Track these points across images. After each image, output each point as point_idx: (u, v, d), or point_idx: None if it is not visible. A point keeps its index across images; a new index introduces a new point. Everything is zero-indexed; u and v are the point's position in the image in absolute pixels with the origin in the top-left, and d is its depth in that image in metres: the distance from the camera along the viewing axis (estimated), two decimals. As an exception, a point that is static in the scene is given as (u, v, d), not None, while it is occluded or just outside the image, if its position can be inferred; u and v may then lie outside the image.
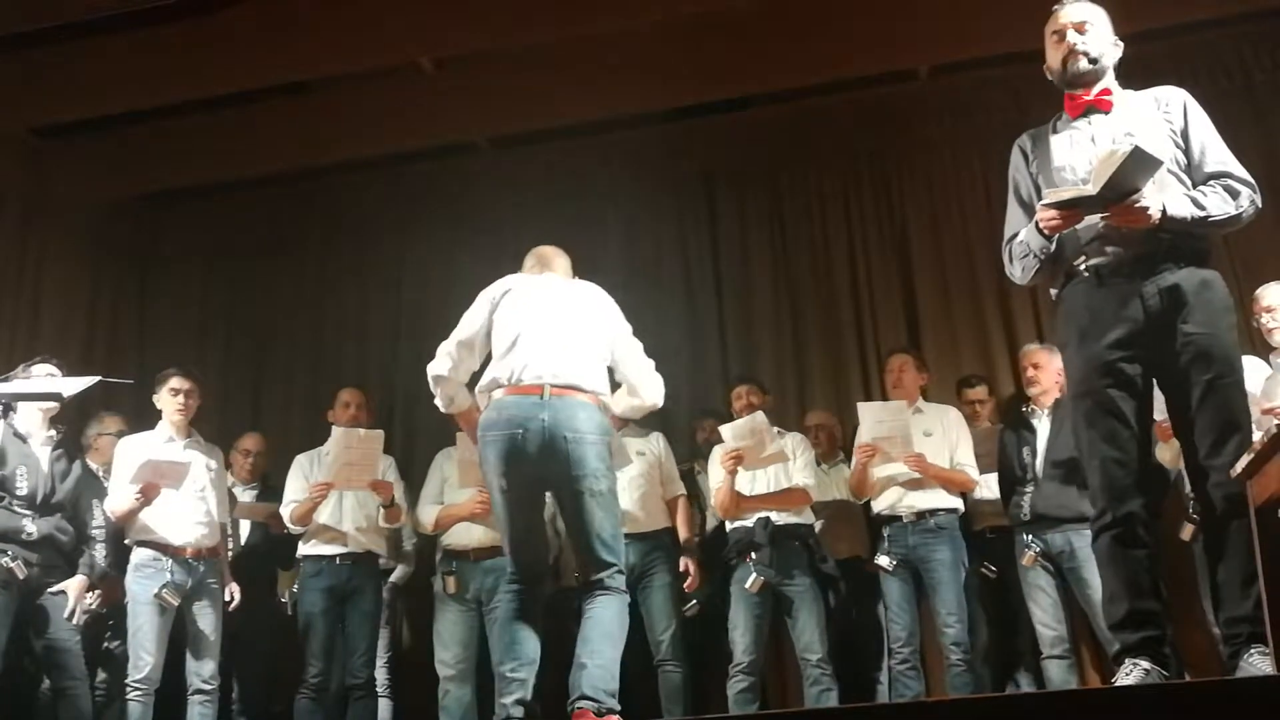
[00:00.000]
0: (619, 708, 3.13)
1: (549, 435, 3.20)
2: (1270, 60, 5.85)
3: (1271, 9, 5.46)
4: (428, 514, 4.93)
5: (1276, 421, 2.70)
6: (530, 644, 3.29)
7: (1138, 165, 2.71)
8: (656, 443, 4.96)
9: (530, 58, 5.82)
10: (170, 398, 4.75)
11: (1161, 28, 5.61)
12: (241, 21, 5.31)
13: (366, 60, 5.70)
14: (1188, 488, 4.33)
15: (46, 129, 6.29)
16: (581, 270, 6.26)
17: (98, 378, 4.24)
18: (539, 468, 3.25)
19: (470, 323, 3.47)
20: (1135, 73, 3.08)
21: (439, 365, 3.44)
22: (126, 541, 4.62)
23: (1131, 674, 2.75)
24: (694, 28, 5.61)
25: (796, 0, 5.53)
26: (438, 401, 3.51)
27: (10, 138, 6.18)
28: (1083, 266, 2.94)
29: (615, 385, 3.58)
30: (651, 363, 3.51)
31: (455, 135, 6.53)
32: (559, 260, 3.74)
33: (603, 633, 3.19)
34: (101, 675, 4.82)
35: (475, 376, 3.51)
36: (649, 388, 3.48)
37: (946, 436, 4.83)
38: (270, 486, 5.37)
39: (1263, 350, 4.37)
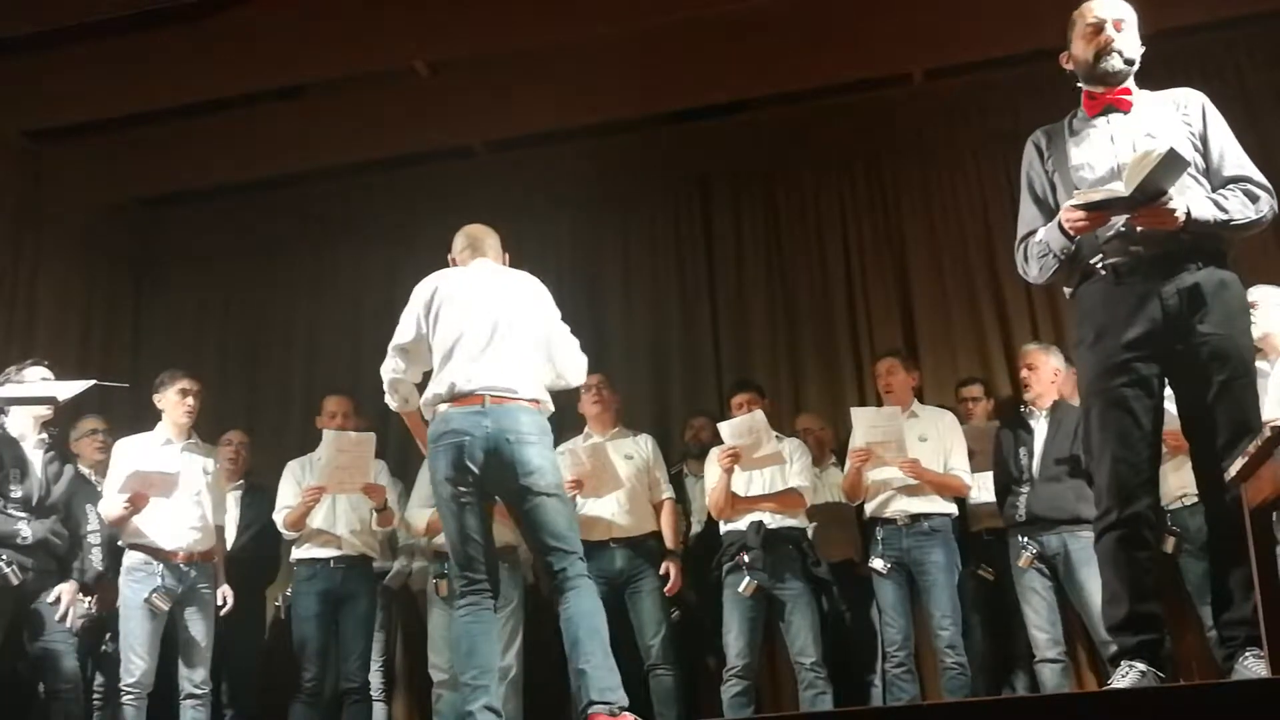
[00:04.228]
0: (627, 701, 3.18)
1: (492, 440, 3.30)
2: (1264, 64, 5.86)
3: (1265, 12, 5.47)
4: (419, 517, 4.92)
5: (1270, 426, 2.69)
6: (488, 651, 3.33)
7: (1169, 167, 2.69)
8: (645, 446, 4.95)
9: (525, 62, 5.82)
10: (179, 399, 4.71)
11: (1155, 31, 5.58)
12: (236, 25, 5.30)
13: (361, 64, 5.70)
14: (1164, 500, 4.34)
15: (41, 132, 6.27)
16: (577, 273, 6.25)
17: (93, 381, 4.22)
18: (486, 472, 3.34)
19: (406, 329, 3.56)
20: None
21: (385, 368, 3.57)
22: (120, 544, 4.60)
23: (1127, 676, 2.75)
24: (689, 31, 5.60)
25: (792, 4, 5.53)
26: (390, 401, 3.61)
27: (4, 141, 6.16)
28: (1100, 265, 2.91)
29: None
30: (576, 343, 3.63)
31: (450, 139, 6.52)
32: (489, 240, 3.75)
33: (588, 629, 3.23)
34: (99, 679, 4.81)
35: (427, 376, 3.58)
36: (574, 370, 3.63)
37: (941, 441, 4.83)
38: (255, 485, 5.35)
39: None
